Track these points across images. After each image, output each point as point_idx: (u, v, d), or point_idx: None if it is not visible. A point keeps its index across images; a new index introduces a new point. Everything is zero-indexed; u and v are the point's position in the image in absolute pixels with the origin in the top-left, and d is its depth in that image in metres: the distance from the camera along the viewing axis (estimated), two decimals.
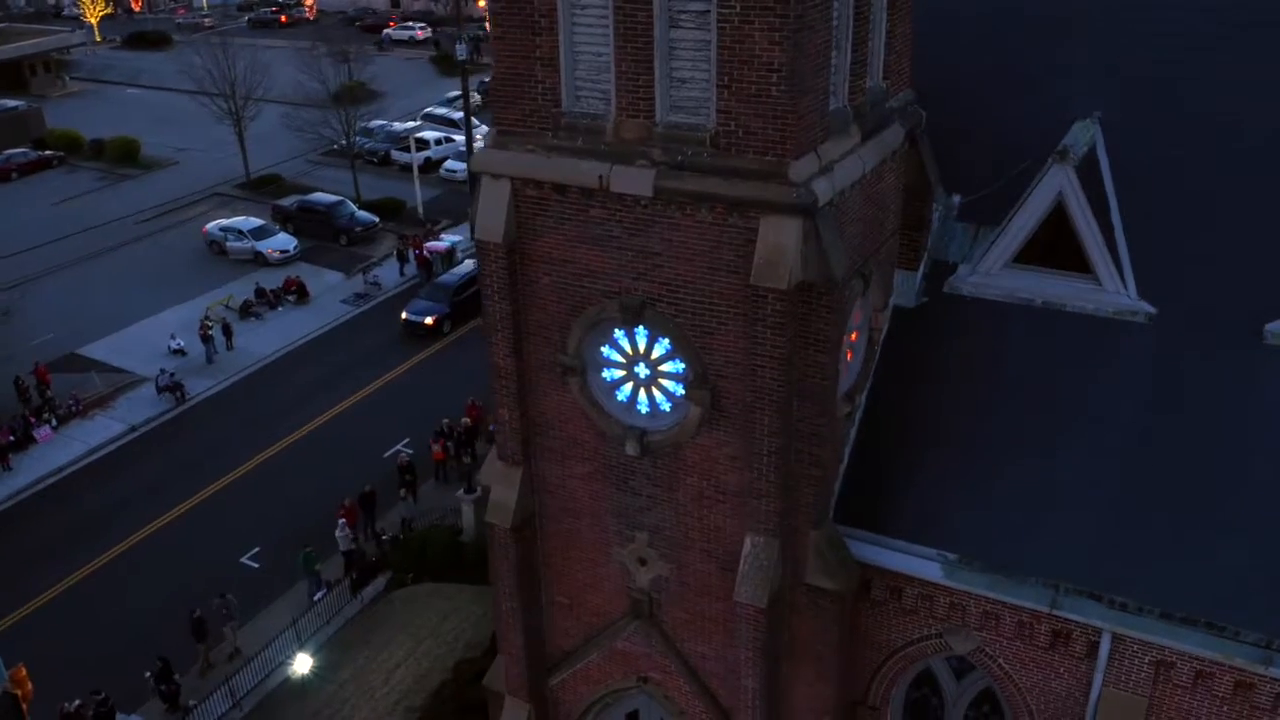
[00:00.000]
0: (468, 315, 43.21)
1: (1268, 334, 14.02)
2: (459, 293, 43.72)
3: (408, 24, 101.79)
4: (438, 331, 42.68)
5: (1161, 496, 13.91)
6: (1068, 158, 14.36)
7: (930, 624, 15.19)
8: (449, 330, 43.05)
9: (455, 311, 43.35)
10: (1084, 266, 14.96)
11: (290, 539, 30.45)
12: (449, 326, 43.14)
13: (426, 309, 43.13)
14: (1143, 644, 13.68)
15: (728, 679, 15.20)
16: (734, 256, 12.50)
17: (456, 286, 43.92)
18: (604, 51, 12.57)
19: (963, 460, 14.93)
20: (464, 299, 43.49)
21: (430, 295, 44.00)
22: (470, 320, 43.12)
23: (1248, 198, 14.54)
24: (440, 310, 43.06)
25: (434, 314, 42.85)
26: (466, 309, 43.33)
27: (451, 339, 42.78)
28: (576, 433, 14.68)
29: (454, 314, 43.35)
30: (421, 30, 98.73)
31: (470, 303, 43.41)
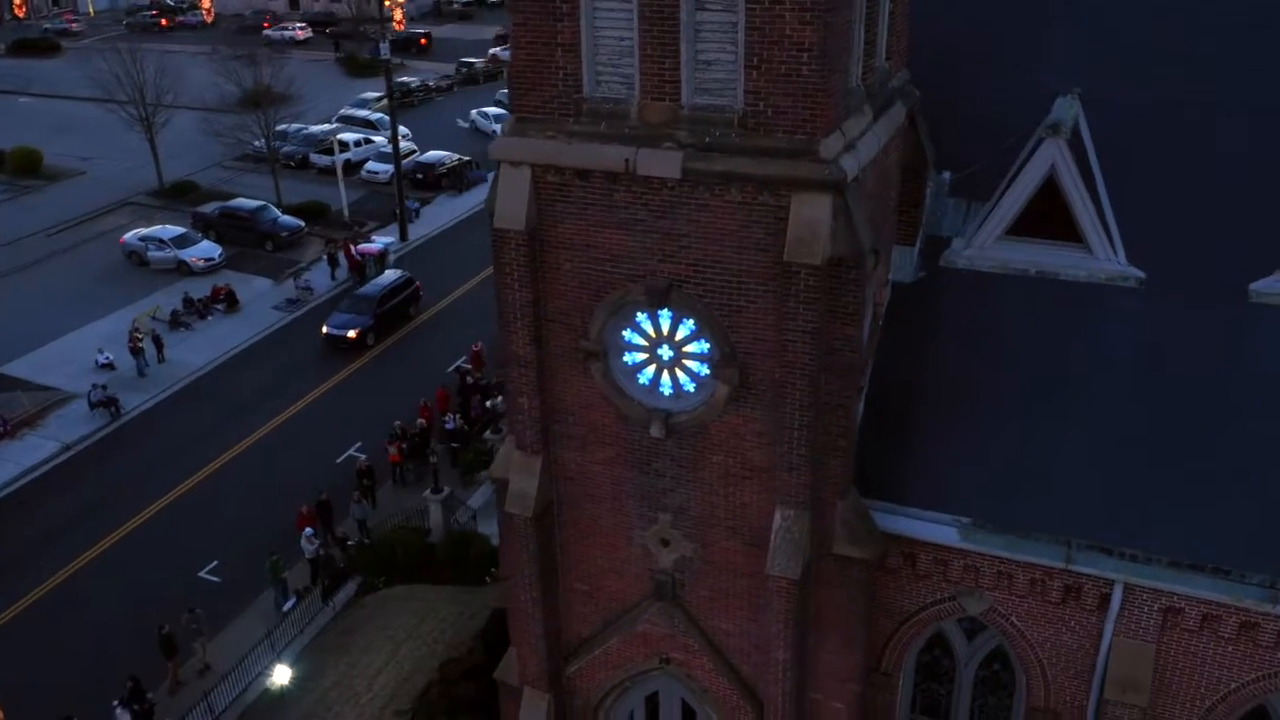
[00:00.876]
0: (392, 326, 42.51)
1: (1253, 293, 14.83)
2: (382, 303, 42.35)
3: (284, 25, 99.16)
4: (361, 345, 41.24)
5: (1161, 452, 14.60)
6: (1060, 132, 14.94)
7: (944, 588, 15.66)
8: (373, 343, 41.61)
9: (379, 323, 41.98)
10: (1075, 236, 15.59)
11: (250, 550, 29.77)
12: (373, 339, 41.67)
13: (348, 322, 41.59)
14: (1153, 592, 14.35)
15: (752, 653, 15.45)
16: (763, 234, 12.73)
17: (379, 297, 42.42)
18: (627, 36, 12.66)
19: (968, 427, 15.43)
20: (388, 310, 42.45)
21: (352, 307, 42.34)
22: (395, 331, 42.43)
23: (1225, 167, 15.33)
24: (363, 322, 41.55)
25: (356, 327, 41.35)
26: (391, 320, 42.42)
27: (376, 352, 41.80)
28: (597, 418, 14.74)
29: (378, 326, 41.93)
30: (301, 30, 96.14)
31: (395, 313, 42.84)
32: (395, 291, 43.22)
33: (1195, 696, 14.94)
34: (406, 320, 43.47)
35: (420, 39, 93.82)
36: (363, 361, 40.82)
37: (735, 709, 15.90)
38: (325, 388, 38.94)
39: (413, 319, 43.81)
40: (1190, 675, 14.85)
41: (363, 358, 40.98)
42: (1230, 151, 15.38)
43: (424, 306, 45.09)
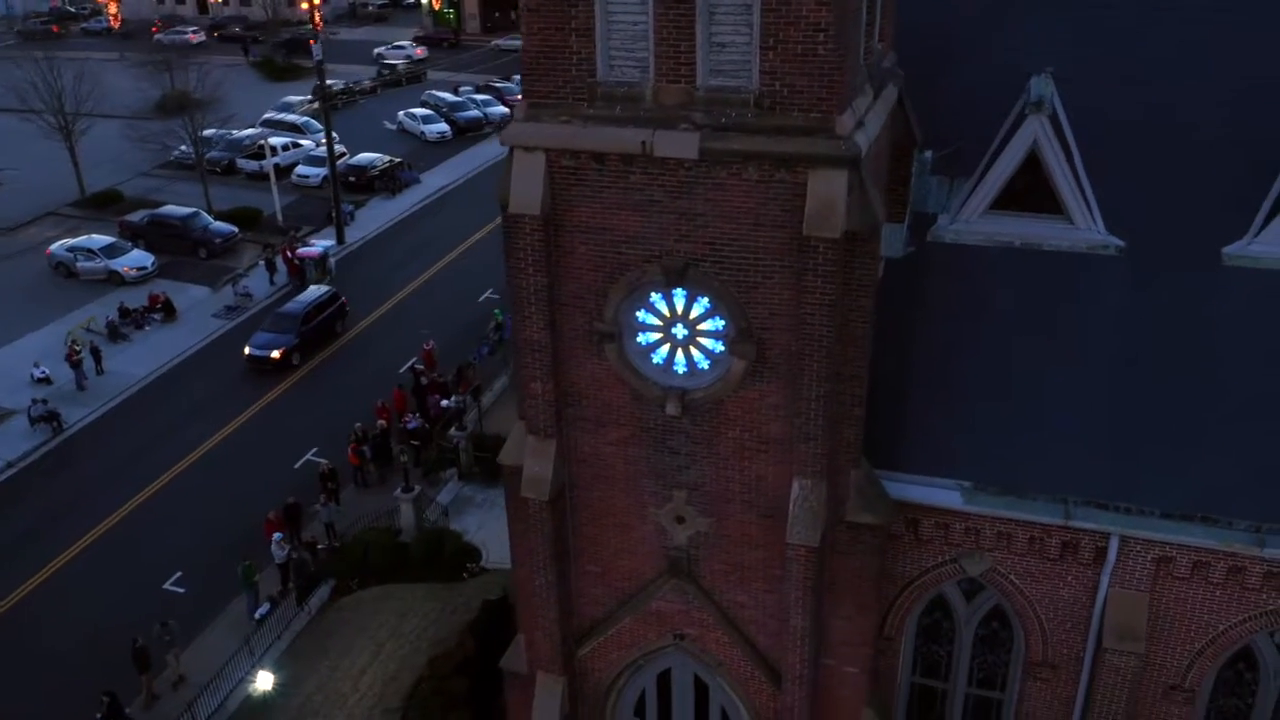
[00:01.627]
0: (318, 345, 40.98)
1: (1225, 256, 15.68)
2: (307, 321, 40.72)
3: (179, 29, 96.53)
4: (285, 365, 39.62)
5: (1148, 411, 15.34)
6: (1042, 108, 15.59)
7: (945, 551, 16.23)
8: (299, 363, 39.94)
9: (304, 342, 40.33)
10: (1056, 208, 16.26)
11: (213, 560, 29.38)
12: (298, 358, 40.00)
13: (271, 341, 39.87)
14: (1146, 543, 15.09)
15: (767, 624, 15.82)
16: (780, 211, 13.09)
17: (304, 314, 40.70)
18: (640, 20, 12.91)
19: (962, 395, 16.00)
20: (313, 328, 40.85)
21: (275, 325, 40.64)
22: (322, 350, 41.04)
23: (1193, 139, 16.16)
24: (287, 341, 39.83)
25: (280, 346, 39.68)
26: (316, 338, 40.89)
27: (328, 354, 41.32)
28: (611, 399, 14.96)
29: (303, 345, 40.25)
30: (194, 34, 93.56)
31: (320, 330, 41.18)
32: (320, 308, 41.57)
33: (1186, 641, 15.74)
34: (333, 338, 41.87)
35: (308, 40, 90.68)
36: (312, 365, 40.30)
37: (749, 680, 16.25)
38: (278, 393, 38.43)
39: (339, 336, 42.21)
40: (1181, 621, 15.63)
41: (312, 361, 40.44)
42: (1197, 124, 16.21)
43: (371, 307, 44.70)
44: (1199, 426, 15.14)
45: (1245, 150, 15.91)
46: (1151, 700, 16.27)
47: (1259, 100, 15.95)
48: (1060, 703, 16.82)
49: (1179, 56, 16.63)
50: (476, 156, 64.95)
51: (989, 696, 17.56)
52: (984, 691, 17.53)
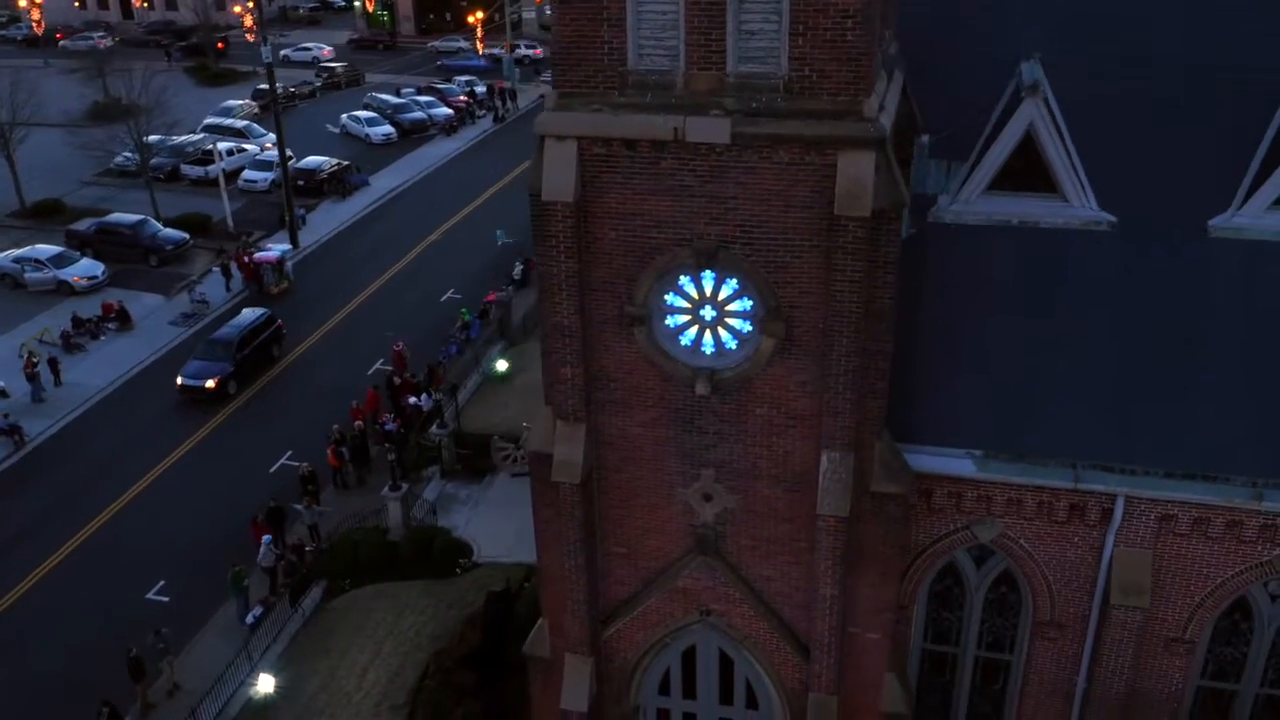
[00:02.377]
0: (255, 372, 38.70)
1: (1211, 228, 16.56)
2: (242, 347, 38.29)
3: (85, 34, 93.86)
4: (222, 394, 37.21)
5: (1146, 377, 16.16)
6: (1038, 91, 16.30)
7: (957, 519, 16.88)
8: (235, 392, 37.64)
9: (240, 369, 37.92)
10: (1051, 187, 17.02)
11: (195, 567, 29.10)
12: (234, 387, 37.66)
13: (204, 370, 37.38)
14: (1150, 502, 15.88)
15: (793, 595, 16.32)
16: (809, 192, 13.58)
17: (239, 340, 38.30)
18: (671, 9, 13.29)
19: (969, 368, 16.66)
20: (249, 354, 38.46)
21: (208, 353, 38.03)
22: (260, 377, 38.71)
23: (1176, 118, 17.02)
24: (222, 370, 37.42)
25: (215, 375, 37.21)
26: (253, 365, 38.57)
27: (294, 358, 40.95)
28: (640, 382, 15.32)
29: (239, 373, 37.84)
30: (101, 40, 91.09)
31: (257, 356, 38.81)
32: (256, 332, 39.22)
33: (1186, 594, 16.58)
34: (270, 363, 39.54)
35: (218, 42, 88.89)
36: (281, 368, 39.95)
37: (775, 651, 16.74)
38: (246, 397, 37.95)
39: (276, 360, 39.90)
40: (1182, 575, 16.47)
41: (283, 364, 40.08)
42: (1179, 105, 17.07)
43: (331, 310, 44.37)
44: (1195, 390, 15.98)
45: (1226, 128, 16.80)
46: (1153, 653, 17.08)
47: (1237, 80, 16.83)
48: (1067, 661, 17.58)
49: (1160, 40, 17.48)
50: (424, 158, 64.65)
51: (997, 659, 18.28)
52: (993, 654, 18.24)
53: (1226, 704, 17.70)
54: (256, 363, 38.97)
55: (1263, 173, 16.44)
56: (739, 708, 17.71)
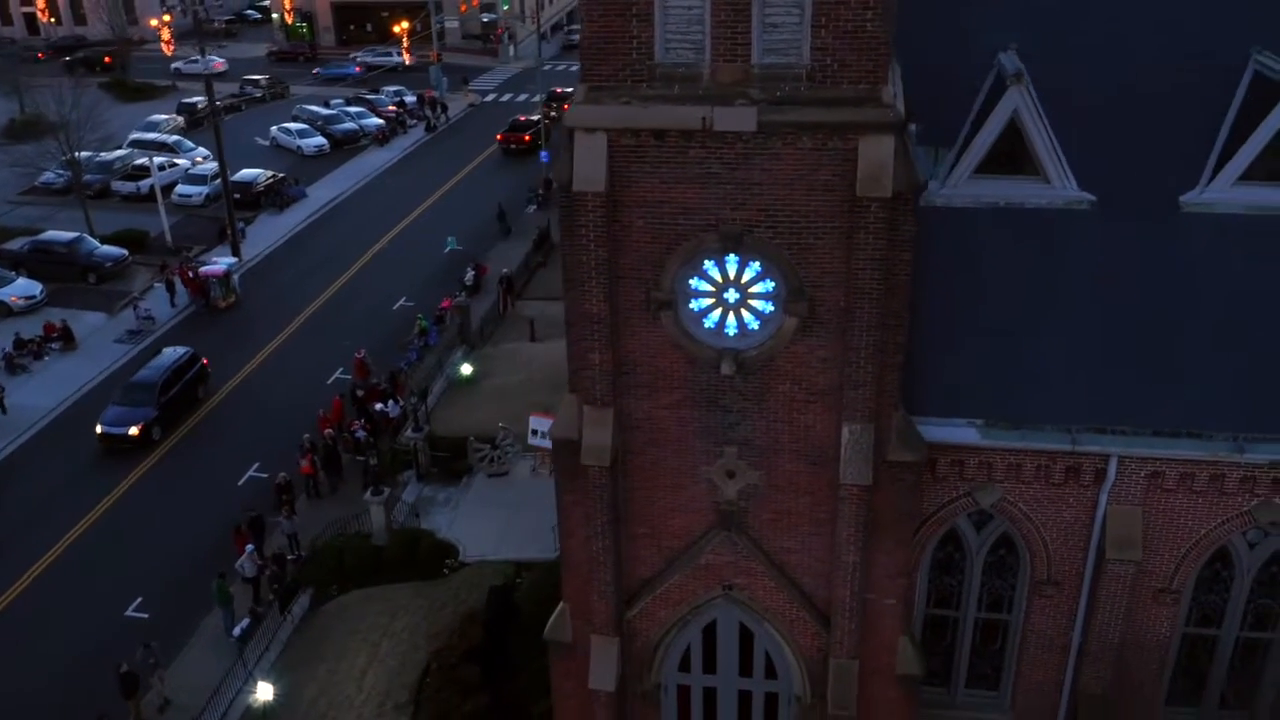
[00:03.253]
0: (181, 415, 36.41)
1: (1183, 204, 17.75)
2: (165, 390, 35.96)
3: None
4: (146, 440, 34.97)
5: (1130, 344, 17.26)
6: (1022, 79, 17.32)
7: (959, 486, 17.78)
8: (160, 437, 35.39)
9: (165, 413, 35.63)
10: (1034, 170, 18.05)
11: (172, 581, 28.88)
12: (159, 433, 35.39)
13: (126, 417, 34.98)
14: (1141, 460, 16.98)
15: (813, 566, 17.02)
16: (831, 175, 14.32)
17: (161, 383, 35.99)
18: (697, 5, 13.93)
19: (965, 343, 17.57)
20: (173, 396, 36.14)
21: (128, 398, 35.55)
22: (186, 420, 36.53)
23: (1146, 101, 18.17)
24: (145, 415, 35.06)
25: (138, 421, 34.88)
26: (177, 407, 36.25)
27: (257, 362, 40.65)
28: (665, 365, 15.89)
29: (163, 417, 35.58)
30: None
31: (181, 398, 36.47)
32: (179, 373, 36.95)
33: (1173, 546, 17.72)
34: (195, 405, 37.26)
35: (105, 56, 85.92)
36: (245, 375, 39.52)
37: (795, 621, 17.41)
38: (209, 408, 37.49)
39: (202, 402, 37.66)
40: (1169, 529, 17.60)
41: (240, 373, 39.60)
42: (1148, 89, 18.20)
43: (282, 322, 43.97)
44: (1176, 354, 17.14)
45: (1192, 110, 18.01)
46: (1143, 604, 18.19)
47: (1201, 64, 18.05)
48: (1062, 617, 18.61)
49: (1126, 29, 18.64)
50: (359, 169, 64.24)
51: (996, 619, 19.23)
52: (992, 615, 19.19)
53: (1209, 649, 18.92)
54: (181, 406, 36.53)
55: (1226, 151, 17.69)
56: (758, 679, 18.34)
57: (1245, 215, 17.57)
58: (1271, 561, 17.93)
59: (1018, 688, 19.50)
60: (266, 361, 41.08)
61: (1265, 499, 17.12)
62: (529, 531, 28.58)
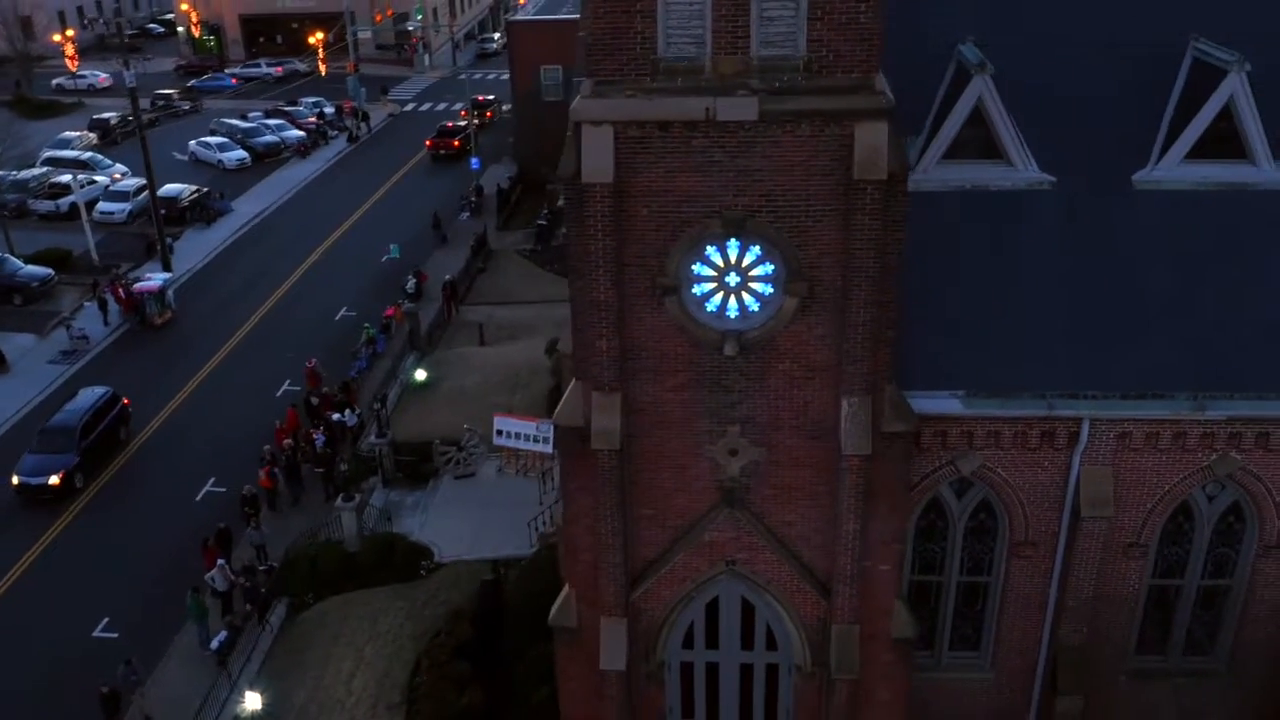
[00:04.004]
0: (105, 460, 34.15)
1: (1136, 182, 18.99)
2: (86, 434, 33.59)
3: None
4: (69, 490, 32.69)
5: (1094, 314, 18.42)
6: (986, 69, 18.36)
7: (942, 455, 18.72)
8: (83, 485, 33.13)
9: (86, 459, 33.35)
10: (997, 154, 19.11)
11: (138, 598, 28.42)
12: (82, 480, 33.15)
13: (45, 465, 32.55)
14: (1110, 422, 18.13)
15: (811, 537, 17.76)
16: (829, 161, 15.09)
17: (81, 427, 33.62)
18: (697, 1, 14.57)
19: (942, 319, 18.52)
20: (95, 440, 33.88)
21: (46, 445, 33.04)
22: (110, 465, 34.22)
23: (1098, 88, 19.36)
24: (66, 462, 32.73)
25: (59, 469, 32.50)
26: (99, 452, 33.99)
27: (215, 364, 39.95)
28: (670, 349, 16.47)
29: (85, 463, 33.27)
30: None
31: (102, 441, 34.27)
32: (99, 415, 34.61)
33: (1140, 502, 18.91)
34: (117, 448, 35.03)
35: None
36: (189, 391, 38.88)
37: (796, 591, 18.13)
38: (158, 424, 36.83)
39: (124, 445, 35.41)
40: (1136, 486, 18.78)
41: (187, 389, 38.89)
42: (1099, 75, 19.41)
43: (222, 336, 43.35)
44: (1137, 322, 18.34)
45: (1139, 95, 19.25)
46: (1113, 559, 19.35)
47: (1146, 50, 19.31)
48: (1040, 575, 19.69)
49: (1073, 19, 19.82)
50: (284, 181, 63.46)
51: (977, 582, 20.24)
52: (973, 578, 20.20)
53: (1173, 598, 20.21)
54: (104, 449, 34.38)
55: (1172, 132, 19.00)
56: (759, 651, 19.01)
57: (1192, 190, 18.88)
58: (1228, 512, 19.27)
59: (998, 646, 20.54)
60: (210, 376, 40.48)
61: (1222, 453, 18.42)
62: (502, 530, 28.89)
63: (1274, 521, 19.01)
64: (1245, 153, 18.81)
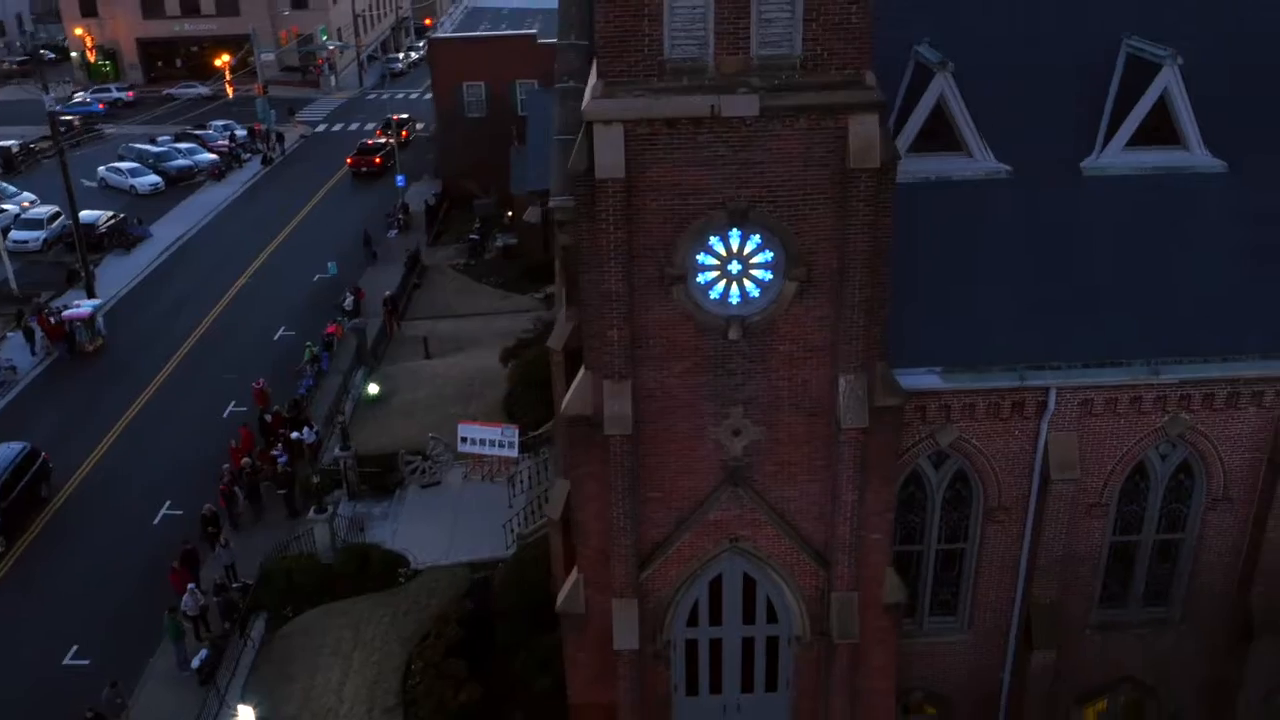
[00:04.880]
0: (23, 518, 32.19)
1: (1084, 169, 20.58)
2: (5, 494, 31.72)
3: None
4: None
5: (1055, 291, 19.88)
6: (946, 67, 19.74)
7: (921, 429, 19.95)
8: (4, 550, 31.31)
9: (6, 519, 31.57)
10: (958, 146, 20.51)
11: (104, 624, 28.00)
12: (3, 545, 31.33)
13: None
14: (1074, 390, 19.57)
15: (809, 511, 18.73)
16: (825, 152, 16.16)
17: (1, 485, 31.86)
18: (700, 4, 15.52)
19: (915, 301, 19.76)
20: (16, 499, 32.03)
21: None
22: (30, 524, 32.32)
23: (1046, 82, 20.90)
24: None
25: None
26: (20, 510, 32.11)
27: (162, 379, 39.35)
28: (677, 336, 17.31)
29: (5, 523, 31.52)
30: None
31: (26, 497, 32.50)
32: (18, 473, 32.66)
33: (1101, 464, 20.41)
34: (39, 505, 33.19)
35: None
36: (130, 417, 38.17)
37: (795, 564, 19.09)
38: (103, 449, 36.11)
39: (46, 502, 33.51)
40: (1098, 449, 20.26)
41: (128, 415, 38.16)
42: (1046, 70, 20.95)
43: (158, 361, 42.62)
44: (1094, 297, 19.86)
45: (1082, 89, 20.91)
46: (1079, 519, 20.82)
47: (1086, 47, 20.96)
48: (1012, 539, 21.04)
49: (1017, 20, 21.38)
50: (201, 205, 62.52)
51: (954, 549, 21.51)
52: (950, 545, 21.47)
53: (1132, 553, 21.78)
54: (27, 506, 32.56)
55: (1113, 123, 20.67)
56: (760, 624, 19.91)
57: (1134, 175, 20.55)
58: (1179, 470, 20.92)
59: (975, 608, 21.83)
60: (152, 401, 39.85)
61: (1174, 415, 20.04)
62: (475, 535, 29.29)
63: (1219, 476, 20.72)
64: (1179, 139, 20.58)
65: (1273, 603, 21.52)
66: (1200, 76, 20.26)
